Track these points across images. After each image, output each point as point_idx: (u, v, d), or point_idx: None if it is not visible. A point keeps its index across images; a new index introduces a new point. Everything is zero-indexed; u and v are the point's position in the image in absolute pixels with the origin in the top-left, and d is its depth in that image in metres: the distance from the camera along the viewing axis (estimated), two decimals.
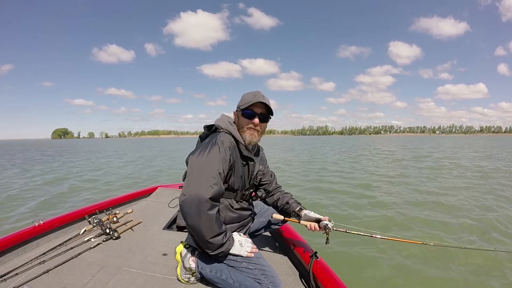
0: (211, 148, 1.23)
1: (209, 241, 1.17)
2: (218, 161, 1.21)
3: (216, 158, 1.21)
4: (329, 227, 1.40)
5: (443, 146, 26.03)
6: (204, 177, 1.16)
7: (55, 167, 11.69)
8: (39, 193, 6.02)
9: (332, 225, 1.41)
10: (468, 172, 8.39)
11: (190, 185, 1.15)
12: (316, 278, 1.33)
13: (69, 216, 2.12)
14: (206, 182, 1.15)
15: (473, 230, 3.44)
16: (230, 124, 1.38)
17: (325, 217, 1.45)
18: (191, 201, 1.12)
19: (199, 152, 1.23)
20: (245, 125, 1.36)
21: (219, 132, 1.35)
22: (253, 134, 1.37)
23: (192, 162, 1.21)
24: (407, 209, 4.32)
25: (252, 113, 1.34)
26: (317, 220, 1.46)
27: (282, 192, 1.64)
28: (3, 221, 4.05)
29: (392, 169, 9.40)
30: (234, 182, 1.34)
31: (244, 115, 1.35)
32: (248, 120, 1.35)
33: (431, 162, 11.48)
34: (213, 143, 1.25)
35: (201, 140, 1.41)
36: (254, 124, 1.35)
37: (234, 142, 1.34)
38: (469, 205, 4.53)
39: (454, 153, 17.12)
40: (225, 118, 1.42)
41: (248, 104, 1.33)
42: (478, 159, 12.80)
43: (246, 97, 1.37)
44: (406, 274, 2.44)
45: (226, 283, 1.27)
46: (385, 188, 6.06)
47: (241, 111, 1.35)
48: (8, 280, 1.37)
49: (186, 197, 1.13)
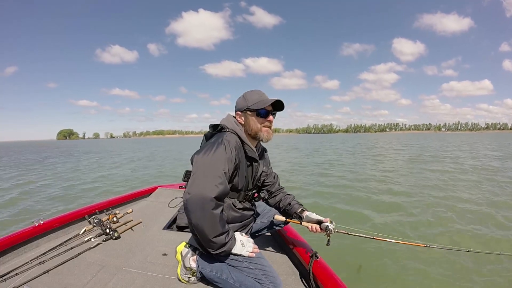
0: (217, 148, 1.23)
1: (211, 240, 1.17)
2: (224, 160, 1.21)
3: (222, 157, 1.21)
4: (330, 229, 1.41)
5: (464, 145, 23.36)
6: (209, 176, 1.16)
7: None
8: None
9: (334, 227, 1.42)
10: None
11: (195, 183, 1.15)
12: (316, 278, 1.33)
13: (69, 216, 2.12)
14: (212, 181, 1.15)
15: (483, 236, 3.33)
16: (236, 124, 1.39)
17: (327, 219, 1.45)
18: (195, 200, 1.12)
19: (204, 151, 1.23)
20: (261, 123, 1.38)
21: (225, 131, 1.35)
22: (269, 132, 1.41)
23: (198, 161, 1.21)
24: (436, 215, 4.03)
25: (267, 112, 1.38)
26: (319, 221, 1.46)
27: (284, 193, 1.64)
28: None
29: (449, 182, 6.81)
30: (238, 182, 1.35)
31: (259, 115, 1.37)
32: (263, 119, 1.38)
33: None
34: (219, 142, 1.25)
35: (206, 139, 1.42)
36: (270, 121, 1.39)
37: (240, 142, 1.35)
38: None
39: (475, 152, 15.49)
40: (231, 118, 1.43)
41: (265, 104, 1.35)
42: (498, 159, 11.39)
43: (253, 97, 1.38)
44: (407, 275, 2.44)
45: (227, 283, 1.27)
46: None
47: (255, 111, 1.37)
48: (8, 280, 1.37)
49: (190, 196, 1.13)
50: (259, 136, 1.39)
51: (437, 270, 2.49)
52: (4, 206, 5.09)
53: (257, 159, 1.43)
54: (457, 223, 3.70)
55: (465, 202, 4.74)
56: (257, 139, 1.42)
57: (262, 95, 1.39)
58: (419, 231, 3.45)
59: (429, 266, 2.55)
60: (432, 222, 3.75)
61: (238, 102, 1.43)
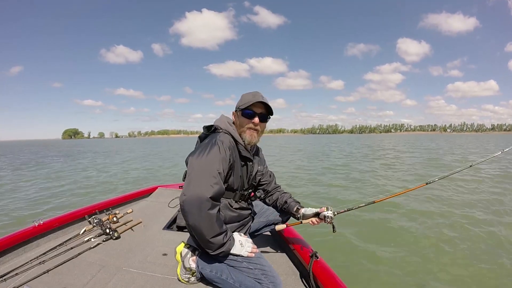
0: (211, 148, 1.23)
1: (210, 241, 1.17)
2: (218, 160, 1.22)
3: (216, 157, 1.22)
4: (330, 216, 1.41)
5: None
6: (204, 176, 1.16)
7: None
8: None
9: (332, 212, 1.42)
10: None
11: (190, 184, 1.16)
12: (316, 278, 1.33)
13: (69, 216, 2.12)
14: (207, 182, 1.15)
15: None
16: (229, 125, 1.39)
17: (322, 208, 1.45)
18: (192, 201, 1.12)
19: (199, 153, 1.23)
20: (245, 124, 1.37)
21: (218, 132, 1.35)
22: (253, 135, 1.38)
23: (192, 162, 1.22)
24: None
25: (252, 113, 1.36)
26: (316, 214, 1.47)
27: (281, 191, 1.64)
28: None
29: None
30: (233, 182, 1.35)
31: (244, 115, 1.36)
32: (248, 119, 1.36)
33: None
34: (213, 143, 1.26)
35: (200, 141, 1.42)
36: (254, 123, 1.37)
37: (234, 142, 1.35)
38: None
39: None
40: (224, 118, 1.43)
41: (248, 104, 1.34)
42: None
43: (246, 97, 1.39)
44: (407, 274, 2.44)
45: (227, 283, 1.27)
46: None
47: (241, 111, 1.37)
48: (8, 280, 1.37)
49: (186, 197, 1.13)
50: (242, 137, 1.37)
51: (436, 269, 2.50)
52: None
53: (251, 158, 1.43)
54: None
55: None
56: (243, 139, 1.39)
57: (255, 96, 1.37)
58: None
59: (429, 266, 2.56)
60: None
61: (237, 102, 1.45)
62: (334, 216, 1.43)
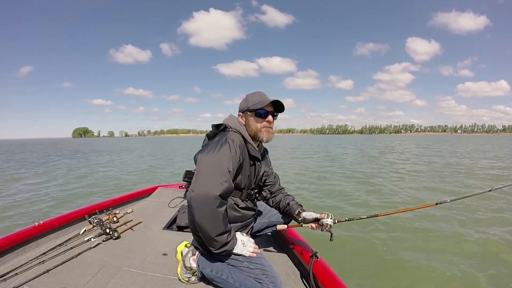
0: (222, 146, 1.23)
1: (214, 239, 1.17)
2: (228, 158, 1.21)
3: (226, 155, 1.22)
4: (328, 224, 1.40)
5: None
6: (214, 174, 1.16)
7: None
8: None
9: (332, 220, 1.41)
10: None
11: (199, 181, 1.15)
12: (316, 278, 1.33)
13: (69, 216, 2.11)
14: (216, 179, 1.15)
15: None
16: (239, 124, 1.40)
17: (322, 215, 1.45)
18: (200, 198, 1.12)
19: (208, 150, 1.23)
20: (260, 124, 1.39)
21: (228, 131, 1.36)
22: (269, 131, 1.41)
23: (202, 160, 1.21)
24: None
25: (266, 112, 1.39)
26: (316, 219, 1.46)
27: (284, 194, 1.65)
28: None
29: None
30: (241, 180, 1.36)
31: (257, 115, 1.38)
32: (262, 119, 1.39)
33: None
34: (223, 141, 1.26)
35: (208, 139, 1.42)
36: (269, 122, 1.40)
37: (243, 141, 1.36)
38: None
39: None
40: (233, 118, 1.44)
41: (263, 104, 1.36)
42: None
43: (254, 98, 1.40)
44: (407, 274, 2.44)
45: (227, 283, 1.27)
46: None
47: (254, 111, 1.38)
48: (8, 280, 1.37)
49: (195, 193, 1.12)
50: (259, 137, 1.40)
51: (435, 269, 2.49)
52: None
53: (260, 158, 1.45)
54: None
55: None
56: (258, 140, 1.42)
57: (262, 96, 1.41)
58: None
59: (428, 265, 2.56)
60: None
61: (240, 104, 1.45)
62: (334, 224, 1.42)
